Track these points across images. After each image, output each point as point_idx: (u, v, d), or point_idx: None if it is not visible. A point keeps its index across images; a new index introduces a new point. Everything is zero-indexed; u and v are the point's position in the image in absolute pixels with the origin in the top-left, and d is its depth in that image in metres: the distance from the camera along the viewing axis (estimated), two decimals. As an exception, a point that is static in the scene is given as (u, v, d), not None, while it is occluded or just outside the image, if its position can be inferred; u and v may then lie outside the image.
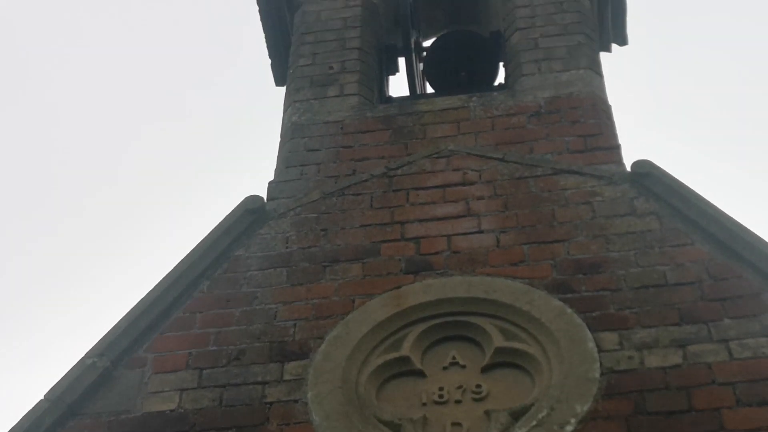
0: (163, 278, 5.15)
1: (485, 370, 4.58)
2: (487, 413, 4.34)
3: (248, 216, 5.39)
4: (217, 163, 19.10)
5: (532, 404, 4.33)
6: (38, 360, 15.88)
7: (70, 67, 19.02)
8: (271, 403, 4.52)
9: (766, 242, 4.73)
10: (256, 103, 16.95)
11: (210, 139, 18.98)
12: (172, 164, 19.31)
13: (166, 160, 19.46)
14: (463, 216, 5.19)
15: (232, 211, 5.42)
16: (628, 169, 5.27)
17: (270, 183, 5.65)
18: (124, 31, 19.13)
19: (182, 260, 5.21)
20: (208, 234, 5.32)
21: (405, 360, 4.64)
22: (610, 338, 4.50)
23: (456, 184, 5.38)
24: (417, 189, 5.39)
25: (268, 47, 7.26)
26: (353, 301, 4.89)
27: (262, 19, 7.13)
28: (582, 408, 4.24)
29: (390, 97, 6.69)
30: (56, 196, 18.68)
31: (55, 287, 17.92)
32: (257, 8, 7.13)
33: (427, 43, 7.36)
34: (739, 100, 17.97)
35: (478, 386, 4.48)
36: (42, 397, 4.69)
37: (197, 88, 19.55)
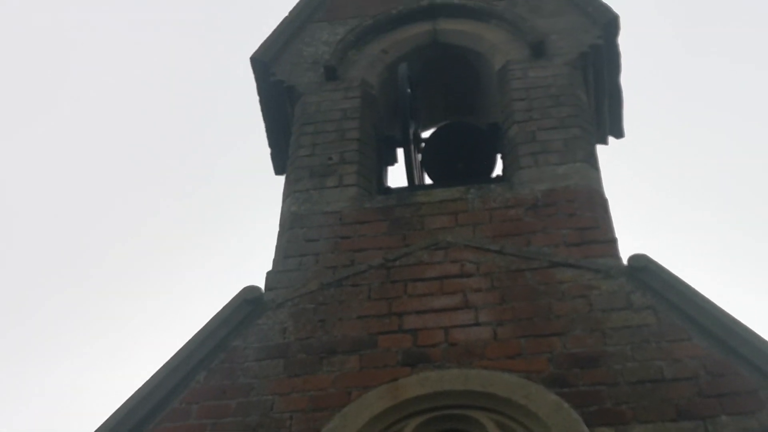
0: (161, 368, 5.15)
1: (482, 464, 4.56)
2: None
3: (246, 306, 5.40)
4: (216, 252, 19.12)
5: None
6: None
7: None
8: (266, 497, 4.51)
9: (763, 339, 4.75)
10: (255, 192, 17.09)
11: (209, 227, 19.03)
12: (170, 253, 19.34)
13: (164, 247, 19.49)
14: (461, 308, 5.20)
15: (230, 301, 5.44)
16: (625, 262, 5.30)
17: (268, 273, 5.67)
18: (129, 121, 19.30)
19: (179, 350, 5.22)
20: (206, 324, 5.33)
21: (401, 454, 4.63)
22: (607, 434, 4.49)
23: (454, 276, 5.40)
24: (415, 280, 5.41)
25: (268, 137, 7.34)
26: (350, 394, 4.88)
27: (262, 110, 7.22)
28: (579, 504, 4.22)
29: (388, 187, 6.73)
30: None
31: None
32: (258, 98, 7.23)
33: (425, 134, 7.43)
34: (737, 194, 18.09)
35: (475, 481, 4.46)
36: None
37: (197, 176, 19.66)
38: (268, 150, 7.40)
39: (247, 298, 5.42)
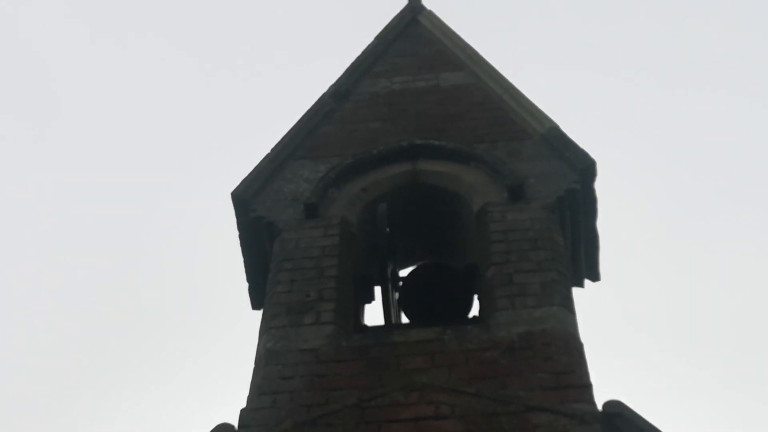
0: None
1: None
2: None
3: (219, 444, 5.35)
4: (190, 387, 18.95)
5: None
6: None
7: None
8: None
9: (737, 490, 4.74)
10: (231, 327, 17.02)
11: (183, 361, 18.88)
12: (141, 389, 19.16)
13: (135, 383, 19.31)
14: (435, 452, 5.17)
15: (203, 438, 5.39)
16: (600, 408, 5.29)
17: (242, 410, 5.62)
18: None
19: (149, 488, 5.15)
20: (178, 461, 5.28)
21: None
22: None
23: (429, 418, 5.37)
24: (389, 422, 5.38)
25: (247, 272, 7.35)
26: None
27: (241, 245, 7.24)
28: None
29: (365, 326, 6.72)
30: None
31: None
32: (237, 233, 7.26)
33: (403, 273, 7.46)
34: (717, 338, 18.16)
35: None
36: None
37: (172, 308, 19.59)
38: (246, 285, 7.41)
39: (220, 436, 5.37)
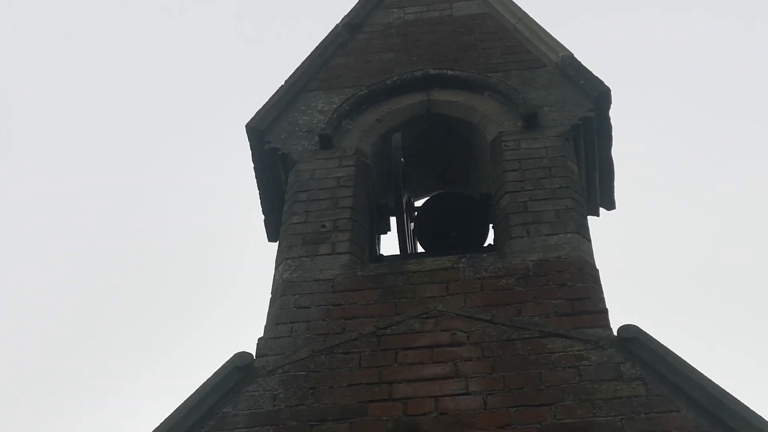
0: (150, 435, 5.13)
1: None
2: None
3: (237, 373, 5.40)
4: (208, 318, 19.08)
5: None
6: None
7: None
8: None
9: (751, 410, 4.76)
10: (247, 258, 17.11)
11: (200, 293, 18.99)
12: (161, 319, 19.30)
13: (153, 314, 19.45)
14: (451, 377, 5.21)
15: (221, 367, 5.43)
16: (615, 333, 5.32)
17: (259, 339, 5.68)
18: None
19: (169, 416, 5.21)
20: (196, 390, 5.32)
21: None
22: (596, 505, 4.49)
23: (444, 345, 5.41)
24: (406, 349, 5.42)
25: (262, 204, 7.38)
26: (340, 462, 4.87)
27: (257, 177, 7.26)
28: None
29: (381, 255, 6.76)
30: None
31: None
32: (252, 165, 7.27)
33: (418, 203, 7.48)
34: (729, 265, 18.15)
35: None
36: None
37: (190, 241, 19.66)
38: (262, 217, 7.44)
39: (238, 365, 5.42)
